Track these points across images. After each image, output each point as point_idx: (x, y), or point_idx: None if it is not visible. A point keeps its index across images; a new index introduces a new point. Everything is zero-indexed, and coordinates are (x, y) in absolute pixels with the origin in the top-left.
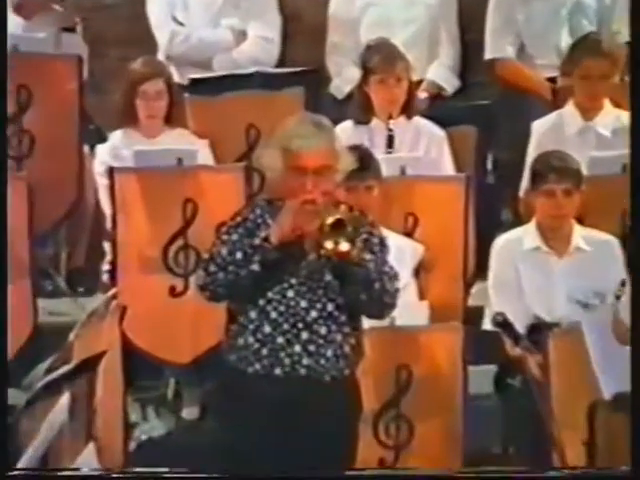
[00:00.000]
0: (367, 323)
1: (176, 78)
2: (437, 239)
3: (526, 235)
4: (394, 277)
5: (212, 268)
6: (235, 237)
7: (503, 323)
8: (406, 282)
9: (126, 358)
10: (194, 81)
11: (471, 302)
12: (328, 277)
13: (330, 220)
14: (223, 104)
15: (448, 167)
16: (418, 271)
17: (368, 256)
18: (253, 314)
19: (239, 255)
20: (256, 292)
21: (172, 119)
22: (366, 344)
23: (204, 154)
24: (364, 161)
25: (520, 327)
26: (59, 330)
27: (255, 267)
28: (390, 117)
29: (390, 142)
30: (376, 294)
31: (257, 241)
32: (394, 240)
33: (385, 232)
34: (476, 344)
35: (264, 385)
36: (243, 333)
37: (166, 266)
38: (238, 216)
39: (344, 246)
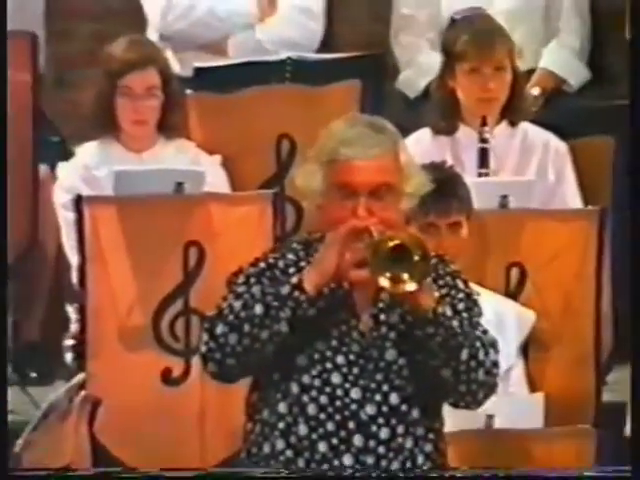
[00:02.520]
0: (452, 424)
1: (174, 67)
2: (556, 302)
3: None
4: (491, 344)
5: (220, 328)
6: (256, 289)
7: None
8: (510, 365)
9: (99, 477)
10: (200, 71)
11: (607, 396)
12: (391, 354)
13: (386, 246)
14: (242, 105)
15: (573, 197)
16: (527, 350)
17: (450, 312)
18: (283, 407)
19: (259, 309)
20: (285, 372)
21: (169, 126)
22: (451, 455)
23: (215, 177)
24: (446, 186)
25: None
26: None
27: (282, 327)
28: (485, 123)
29: (484, 159)
30: (465, 368)
31: (286, 289)
32: (491, 302)
33: (475, 288)
34: (616, 457)
35: None
36: (270, 436)
37: (158, 340)
38: (261, 261)
39: (410, 285)
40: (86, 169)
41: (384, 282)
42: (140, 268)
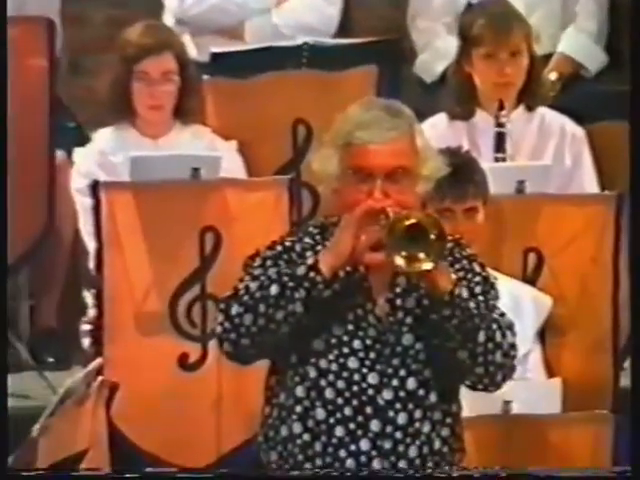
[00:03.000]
0: (470, 410)
1: (191, 52)
2: (573, 287)
3: None
4: (508, 327)
5: (235, 309)
6: (272, 271)
7: None
8: (527, 350)
9: (116, 460)
10: (217, 57)
11: (625, 381)
12: (408, 339)
13: (402, 225)
14: (259, 90)
15: (590, 182)
16: (545, 335)
17: (466, 294)
18: (300, 391)
19: (274, 289)
20: (302, 354)
21: (185, 111)
22: (468, 440)
23: (231, 162)
24: (463, 171)
25: None
26: (18, 419)
27: (297, 308)
28: (502, 108)
29: (501, 144)
30: (482, 350)
31: (301, 270)
32: (508, 288)
33: (492, 272)
34: (634, 444)
35: None
36: (287, 419)
37: (175, 325)
38: (278, 245)
39: (426, 264)
40: (102, 155)
41: (400, 261)
42: (156, 253)
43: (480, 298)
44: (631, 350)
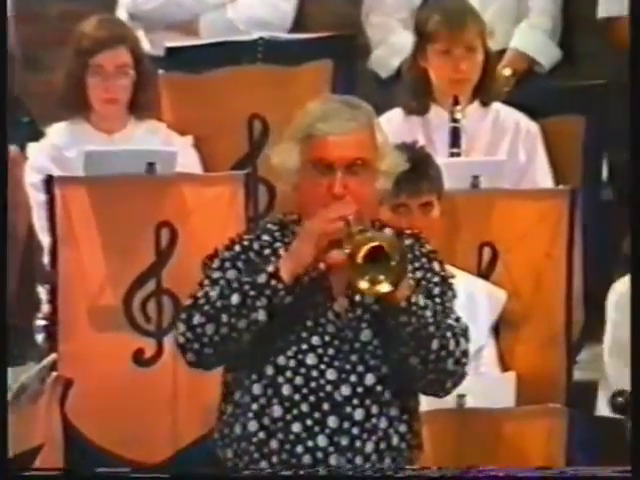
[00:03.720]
0: (426, 404)
1: (145, 47)
2: (527, 282)
3: None
4: (462, 333)
5: (197, 319)
6: (231, 274)
7: (627, 406)
8: (481, 345)
9: (71, 457)
10: (172, 51)
11: (578, 375)
12: (366, 335)
13: (365, 248)
14: (214, 85)
15: (544, 177)
16: (499, 329)
17: (423, 301)
18: (257, 389)
19: (236, 299)
20: (261, 355)
21: (140, 106)
22: (425, 434)
23: (187, 157)
24: (418, 166)
25: None
26: None
27: (259, 316)
28: (457, 103)
29: (456, 139)
30: (434, 357)
31: (262, 278)
32: (463, 282)
33: (450, 270)
34: (587, 437)
35: None
36: (242, 417)
37: (130, 320)
38: (236, 244)
39: (384, 287)
40: (56, 149)
41: (363, 284)
42: (111, 249)
43: (437, 300)
44: (631, 350)
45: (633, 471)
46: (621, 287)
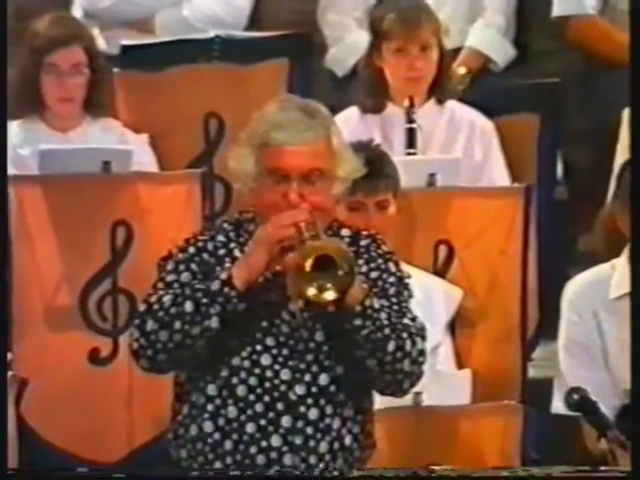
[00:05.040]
0: (380, 402)
1: (100, 45)
2: (482, 279)
3: (614, 275)
4: (419, 333)
5: (150, 325)
6: (185, 277)
7: (582, 404)
8: (437, 342)
9: (26, 456)
10: (128, 49)
11: (533, 372)
12: (320, 335)
13: (313, 257)
14: (170, 83)
15: (499, 174)
16: (455, 327)
17: (378, 303)
18: (212, 390)
19: (189, 306)
20: (216, 356)
21: (95, 104)
22: (378, 432)
23: (142, 156)
24: (374, 164)
25: (607, 409)
26: None
27: (212, 323)
28: (412, 104)
29: (412, 140)
30: (391, 359)
31: (215, 285)
32: (419, 280)
33: (406, 270)
34: (541, 434)
35: None
36: (197, 418)
37: (86, 320)
38: (191, 246)
39: (330, 294)
40: (11, 148)
41: (311, 292)
42: (67, 248)
43: (393, 300)
44: (631, 350)
45: (633, 471)
46: (575, 285)
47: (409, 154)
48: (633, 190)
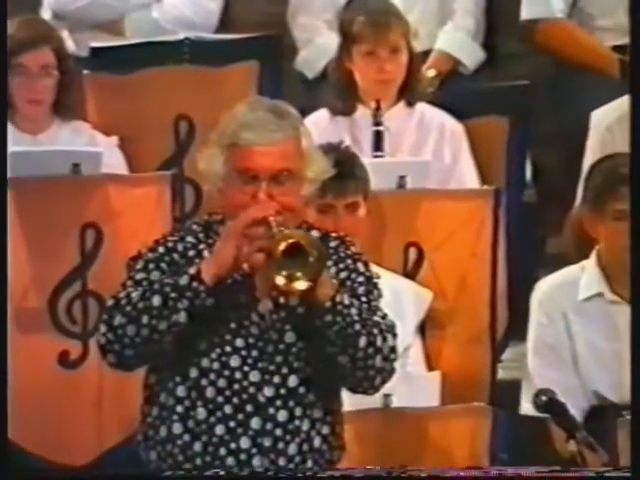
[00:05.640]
0: (349, 404)
1: (70, 47)
2: (452, 281)
3: (583, 277)
4: (389, 330)
5: (118, 320)
6: (155, 275)
7: (550, 405)
8: (407, 344)
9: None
10: (97, 51)
11: (502, 374)
12: (290, 337)
13: (283, 245)
14: (140, 85)
15: (468, 177)
16: (425, 328)
17: (348, 300)
18: (181, 391)
19: (157, 300)
20: (185, 357)
21: (64, 106)
22: (348, 434)
23: (112, 158)
24: (343, 166)
25: (576, 411)
26: None
27: (180, 318)
28: (379, 107)
29: (379, 143)
30: (362, 355)
31: (184, 280)
32: (389, 282)
33: (375, 270)
34: (510, 436)
35: None
36: (167, 420)
37: (55, 323)
38: (160, 246)
39: (300, 284)
40: None
41: (280, 280)
42: (36, 250)
43: (363, 299)
44: (631, 350)
45: (633, 471)
46: (544, 286)
47: (376, 157)
48: (633, 190)
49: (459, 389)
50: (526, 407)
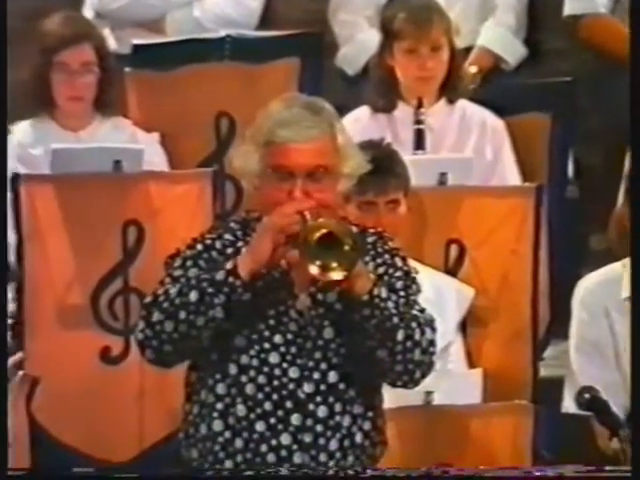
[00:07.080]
0: (390, 401)
1: (111, 44)
2: (494, 278)
3: (625, 274)
4: (428, 323)
5: (156, 316)
6: (193, 272)
7: (593, 403)
8: (449, 341)
9: (38, 455)
10: (138, 49)
11: (544, 372)
12: (329, 333)
13: (316, 235)
14: (181, 82)
15: (510, 174)
16: (466, 326)
17: (386, 293)
18: (221, 388)
19: (194, 296)
20: (224, 354)
21: (106, 103)
22: (390, 431)
23: (153, 155)
24: (384, 163)
25: (618, 408)
26: None
27: (218, 313)
28: (421, 105)
29: (420, 141)
30: (401, 348)
31: (220, 275)
32: (430, 279)
33: (414, 265)
34: (553, 434)
35: None
36: (207, 417)
37: (97, 319)
38: (198, 243)
39: (335, 274)
40: (22, 147)
41: (314, 270)
42: (78, 247)
43: (401, 293)
44: (631, 350)
45: (633, 471)
46: (587, 284)
47: (417, 153)
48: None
49: (501, 387)
50: (568, 405)
